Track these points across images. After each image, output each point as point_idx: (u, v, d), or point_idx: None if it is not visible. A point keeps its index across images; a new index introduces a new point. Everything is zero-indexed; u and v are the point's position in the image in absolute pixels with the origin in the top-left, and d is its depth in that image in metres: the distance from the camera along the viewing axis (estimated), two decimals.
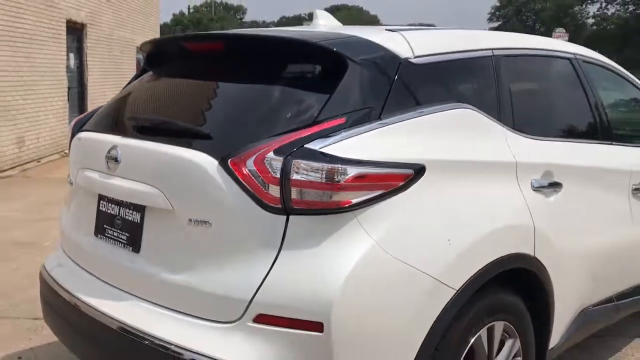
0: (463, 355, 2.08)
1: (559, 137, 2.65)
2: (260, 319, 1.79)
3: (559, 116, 2.84)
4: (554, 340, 2.61)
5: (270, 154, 1.78)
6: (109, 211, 2.23)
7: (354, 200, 1.79)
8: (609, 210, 2.86)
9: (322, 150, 1.78)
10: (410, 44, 2.17)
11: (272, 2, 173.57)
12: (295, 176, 1.76)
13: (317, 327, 1.74)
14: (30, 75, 9.46)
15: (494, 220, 2.13)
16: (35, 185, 7.86)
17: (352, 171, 1.77)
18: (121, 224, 2.17)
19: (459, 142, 2.12)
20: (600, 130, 2.94)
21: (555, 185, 2.47)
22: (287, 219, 1.80)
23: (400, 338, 1.86)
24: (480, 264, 2.04)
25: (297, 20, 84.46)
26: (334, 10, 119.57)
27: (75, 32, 11.46)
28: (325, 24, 2.74)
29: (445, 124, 2.12)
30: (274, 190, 1.78)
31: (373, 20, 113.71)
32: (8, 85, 8.81)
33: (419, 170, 1.93)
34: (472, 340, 2.12)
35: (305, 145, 1.78)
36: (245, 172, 1.80)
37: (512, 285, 2.32)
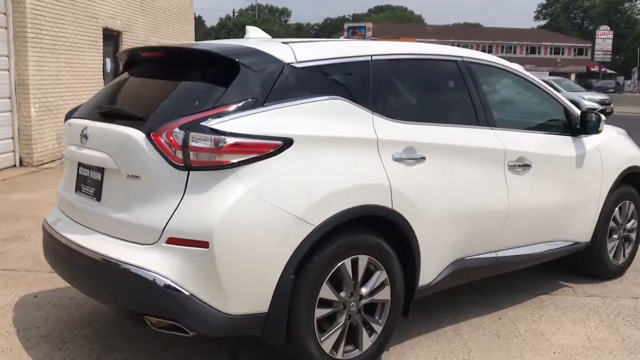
0: (329, 275, 2.89)
1: (429, 122, 3.40)
2: (170, 240, 2.65)
3: (432, 105, 3.61)
4: (426, 279, 3.37)
5: (177, 129, 2.65)
6: (84, 174, 3.14)
7: (233, 161, 2.63)
8: (481, 181, 3.59)
9: (211, 126, 2.63)
10: (295, 53, 3.00)
11: (316, 5, 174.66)
12: (192, 144, 2.62)
13: (205, 244, 2.60)
14: (70, 78, 10.61)
15: (349, 179, 2.92)
16: None
17: (230, 140, 2.62)
18: (90, 182, 3.07)
19: (325, 123, 2.94)
20: (479, 117, 3.68)
21: (419, 158, 3.25)
22: (188, 174, 2.66)
23: (268, 256, 2.70)
24: (336, 209, 2.84)
25: (341, 22, 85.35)
26: (377, 11, 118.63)
27: (112, 38, 12.62)
28: (254, 37, 3.58)
29: (316, 110, 2.94)
30: (179, 154, 2.64)
31: (418, 20, 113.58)
32: (50, 88, 9.95)
33: (287, 142, 2.76)
34: (338, 265, 2.92)
35: (200, 123, 2.64)
36: (161, 141, 2.67)
37: (379, 230, 3.12)
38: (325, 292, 2.91)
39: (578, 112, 4.36)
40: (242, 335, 2.93)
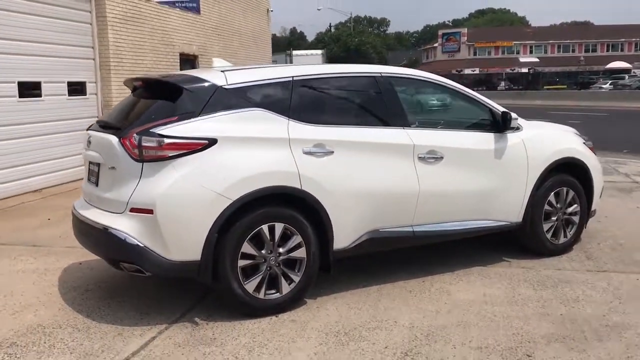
0: (248, 237, 4.03)
1: (340, 124, 4.46)
2: (132, 210, 3.92)
3: (345, 112, 4.65)
4: (342, 243, 4.41)
5: (135, 134, 3.91)
6: (90, 168, 4.50)
7: (169, 154, 3.86)
8: (389, 169, 4.55)
9: (157, 132, 3.88)
10: (227, 77, 4.20)
11: (415, 12, 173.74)
12: (143, 144, 3.87)
13: (151, 212, 3.84)
14: None
15: (262, 166, 4.05)
16: None
17: (167, 141, 3.85)
18: (94, 174, 4.42)
19: (246, 128, 4.10)
20: (392, 119, 4.67)
21: (328, 152, 4.31)
22: (143, 165, 3.91)
23: (197, 220, 3.88)
24: (250, 188, 3.97)
25: (441, 28, 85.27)
26: (478, 15, 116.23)
27: (189, 61, 14.39)
28: (218, 66, 4.80)
29: (239, 118, 4.11)
30: (136, 151, 3.90)
31: (521, 22, 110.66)
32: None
33: (212, 141, 3.95)
34: (257, 229, 4.06)
35: (150, 130, 3.90)
36: (126, 143, 3.95)
37: (294, 205, 4.21)
38: (247, 248, 4.06)
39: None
40: (184, 276, 4.14)
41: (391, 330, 3.93)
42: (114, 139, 4.07)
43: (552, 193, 5.47)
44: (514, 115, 5.08)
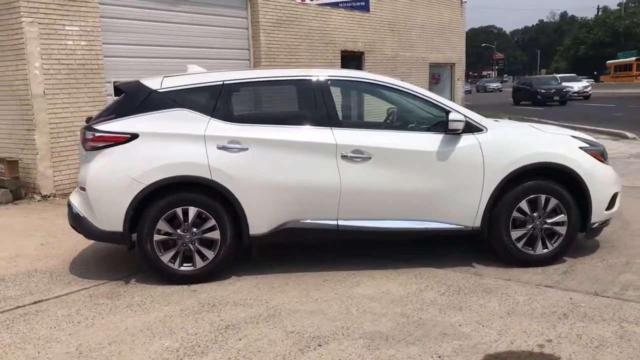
0: (163, 216, 4.85)
1: (259, 123, 4.97)
2: (80, 188, 5.03)
3: (266, 112, 5.11)
4: (258, 230, 4.95)
5: (84, 129, 5.00)
6: None
7: (99, 145, 4.87)
8: (306, 165, 4.90)
9: (94, 127, 4.91)
10: (162, 83, 5.04)
11: None
12: (85, 136, 4.94)
13: (85, 190, 4.90)
14: None
15: (174, 158, 4.80)
16: None
17: (97, 134, 4.86)
18: None
19: (168, 125, 4.89)
20: (318, 120, 5.00)
21: (242, 148, 4.88)
22: (87, 153, 4.98)
23: (117, 199, 4.82)
24: (162, 176, 4.77)
25: None
26: None
27: (354, 58, 15.26)
28: (191, 71, 5.62)
29: (164, 117, 4.92)
30: (83, 142, 5.00)
31: None
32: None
33: (134, 135, 4.84)
34: (170, 211, 4.85)
35: (91, 125, 4.95)
36: (81, 137, 5.07)
37: (211, 192, 4.89)
38: (162, 225, 4.87)
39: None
40: (112, 243, 5.12)
41: (250, 308, 4.40)
42: (82, 131, 5.23)
43: (525, 200, 5.15)
44: (453, 116, 4.95)
